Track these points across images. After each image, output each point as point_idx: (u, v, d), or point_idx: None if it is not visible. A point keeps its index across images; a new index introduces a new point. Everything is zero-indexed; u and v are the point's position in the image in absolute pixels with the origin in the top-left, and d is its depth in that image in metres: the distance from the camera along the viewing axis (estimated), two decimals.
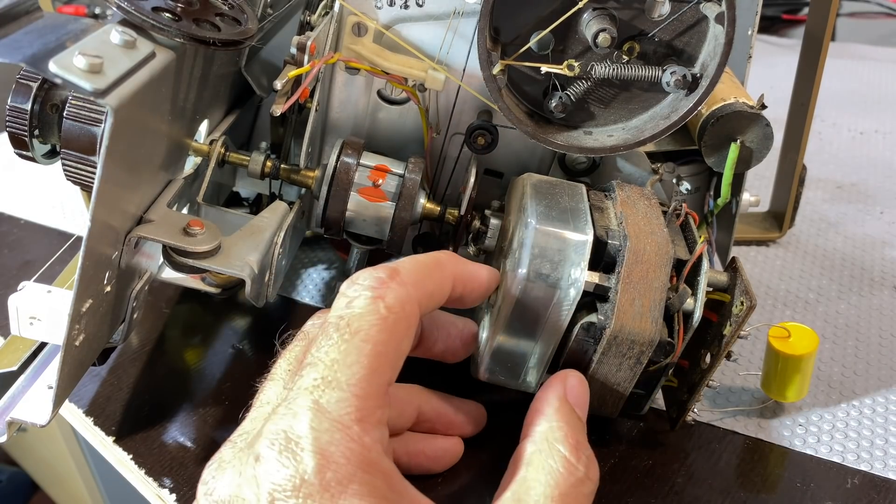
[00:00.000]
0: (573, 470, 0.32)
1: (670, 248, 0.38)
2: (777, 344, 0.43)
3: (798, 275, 0.58)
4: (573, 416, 0.35)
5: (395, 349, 0.31)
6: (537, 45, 0.40)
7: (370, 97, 0.45)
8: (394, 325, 0.31)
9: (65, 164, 0.36)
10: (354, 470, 0.28)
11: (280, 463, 0.27)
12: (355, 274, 0.33)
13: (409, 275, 0.33)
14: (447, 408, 0.41)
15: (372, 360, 0.30)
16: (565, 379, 0.37)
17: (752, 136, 0.44)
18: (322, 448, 0.27)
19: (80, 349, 0.35)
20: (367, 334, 0.30)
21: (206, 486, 0.30)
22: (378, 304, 0.31)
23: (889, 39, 1.10)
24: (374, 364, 0.30)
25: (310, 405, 0.28)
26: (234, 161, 0.43)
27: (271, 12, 0.46)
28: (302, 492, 0.27)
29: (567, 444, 0.33)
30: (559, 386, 0.37)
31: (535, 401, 0.36)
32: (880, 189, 0.70)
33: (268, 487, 0.27)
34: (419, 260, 0.35)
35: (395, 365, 0.31)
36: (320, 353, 0.30)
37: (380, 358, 0.30)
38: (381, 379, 0.30)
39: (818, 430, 0.44)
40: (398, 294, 0.32)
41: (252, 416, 0.33)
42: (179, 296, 0.54)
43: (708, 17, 0.39)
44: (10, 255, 0.59)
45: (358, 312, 0.31)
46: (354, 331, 0.30)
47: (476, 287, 0.37)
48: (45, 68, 0.29)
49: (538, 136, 0.41)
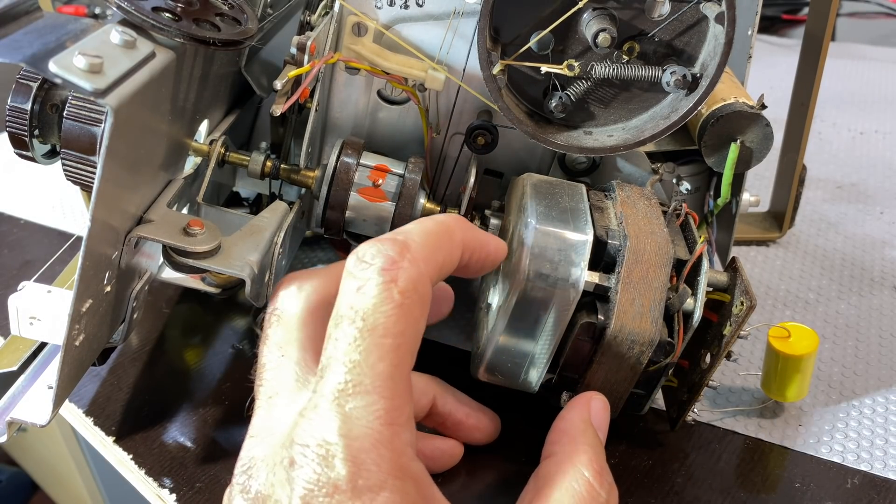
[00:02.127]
0: (595, 495, 0.33)
1: (670, 248, 0.38)
2: (777, 344, 0.43)
3: (798, 275, 0.58)
4: (597, 441, 0.35)
5: (414, 336, 0.30)
6: (537, 45, 0.40)
7: (370, 97, 0.45)
8: (409, 311, 0.29)
9: (65, 164, 0.36)
10: (386, 477, 0.27)
11: (313, 470, 0.27)
12: (361, 248, 0.31)
13: (420, 250, 0.31)
14: (461, 409, 0.41)
15: (393, 355, 0.29)
16: (590, 401, 0.37)
17: (752, 136, 0.44)
18: (353, 455, 0.27)
19: (80, 349, 0.35)
20: (385, 328, 0.29)
21: (240, 485, 0.30)
22: (392, 290, 0.29)
23: (889, 39, 1.10)
24: (396, 359, 0.29)
25: (336, 412, 0.28)
26: (234, 161, 0.43)
27: (271, 12, 0.46)
28: (335, 498, 0.27)
29: (591, 469, 0.33)
30: (584, 408, 0.37)
31: (561, 420, 0.36)
32: (880, 189, 0.70)
33: (300, 492, 0.27)
34: (429, 229, 0.32)
35: (414, 350, 0.30)
36: (338, 352, 0.29)
37: (400, 350, 0.29)
38: (404, 372, 0.29)
39: (818, 430, 0.44)
40: (410, 275, 0.30)
41: (265, 413, 0.32)
42: (179, 296, 0.54)
43: (708, 17, 0.39)
44: (10, 255, 0.59)
45: (372, 303, 0.29)
46: (371, 326, 0.29)
47: (483, 256, 0.35)
48: (45, 68, 0.29)
49: (538, 136, 0.41)
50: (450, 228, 0.33)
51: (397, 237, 0.31)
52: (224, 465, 0.41)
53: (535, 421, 0.44)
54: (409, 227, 0.32)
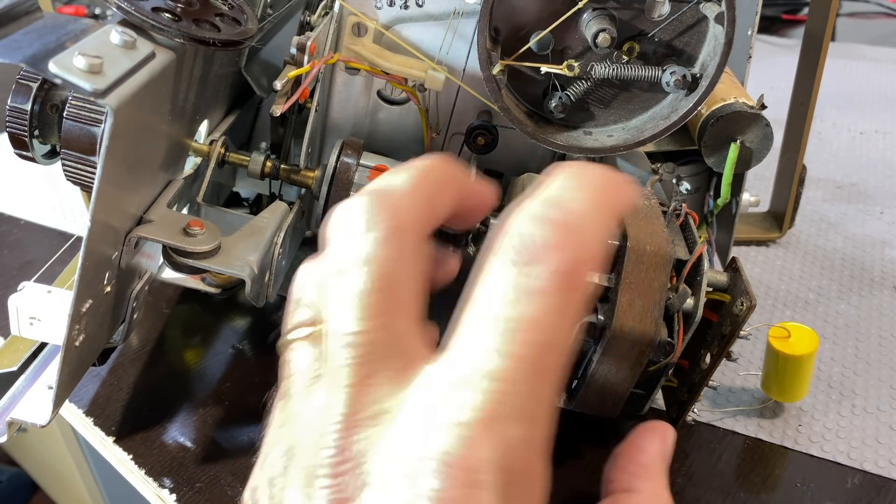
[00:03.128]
0: None
1: (670, 248, 0.38)
2: (777, 344, 0.43)
3: (798, 275, 0.58)
4: (667, 479, 0.36)
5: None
6: (537, 45, 0.40)
7: (370, 97, 0.45)
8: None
9: (65, 164, 0.36)
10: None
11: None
12: (341, 214, 0.26)
13: (410, 212, 0.26)
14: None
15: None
16: (665, 436, 0.37)
17: (752, 136, 0.44)
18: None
19: (80, 349, 0.35)
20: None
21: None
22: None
23: (889, 39, 1.10)
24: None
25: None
26: (234, 161, 0.43)
27: (271, 12, 0.46)
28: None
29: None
30: (663, 443, 0.36)
31: (641, 453, 0.36)
32: (880, 189, 0.70)
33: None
34: (416, 182, 0.27)
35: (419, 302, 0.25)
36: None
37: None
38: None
39: (818, 430, 0.44)
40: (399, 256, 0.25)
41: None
42: (179, 296, 0.54)
43: (708, 17, 0.39)
44: (10, 255, 0.59)
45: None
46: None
47: (477, 202, 0.30)
48: (45, 68, 0.29)
49: (538, 136, 0.41)
50: (441, 177, 0.28)
51: (385, 191, 0.26)
52: (224, 465, 0.41)
53: None
54: (397, 174, 0.27)
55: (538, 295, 0.22)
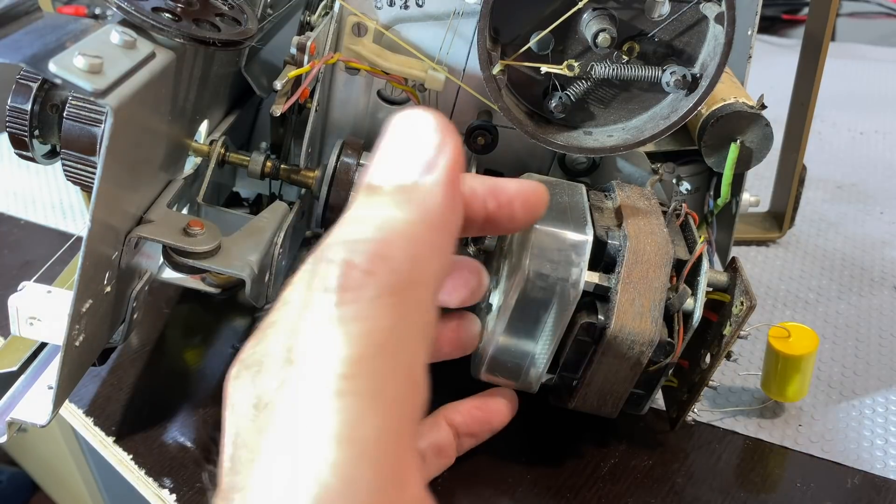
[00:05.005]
0: None
1: (670, 248, 0.38)
2: (777, 344, 0.43)
3: (798, 275, 0.58)
4: None
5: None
6: (537, 45, 0.40)
7: (370, 97, 0.45)
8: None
9: (65, 164, 0.36)
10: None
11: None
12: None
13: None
14: (475, 405, 0.41)
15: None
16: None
17: (752, 136, 0.44)
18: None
19: (80, 349, 0.35)
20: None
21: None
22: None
23: (889, 39, 1.10)
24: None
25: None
26: (234, 161, 0.43)
27: (271, 12, 0.46)
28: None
29: None
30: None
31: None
32: (880, 189, 0.70)
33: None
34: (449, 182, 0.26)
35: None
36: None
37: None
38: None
39: (818, 430, 0.44)
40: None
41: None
42: (179, 296, 0.53)
43: (708, 17, 0.39)
44: (10, 255, 0.59)
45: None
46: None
47: (505, 202, 0.30)
48: (45, 68, 0.29)
49: (538, 136, 0.41)
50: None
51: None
52: None
53: (535, 421, 0.44)
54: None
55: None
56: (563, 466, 0.42)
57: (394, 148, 0.26)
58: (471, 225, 0.30)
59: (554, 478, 0.41)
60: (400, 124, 0.27)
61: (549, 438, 0.43)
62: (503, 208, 0.31)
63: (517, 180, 0.32)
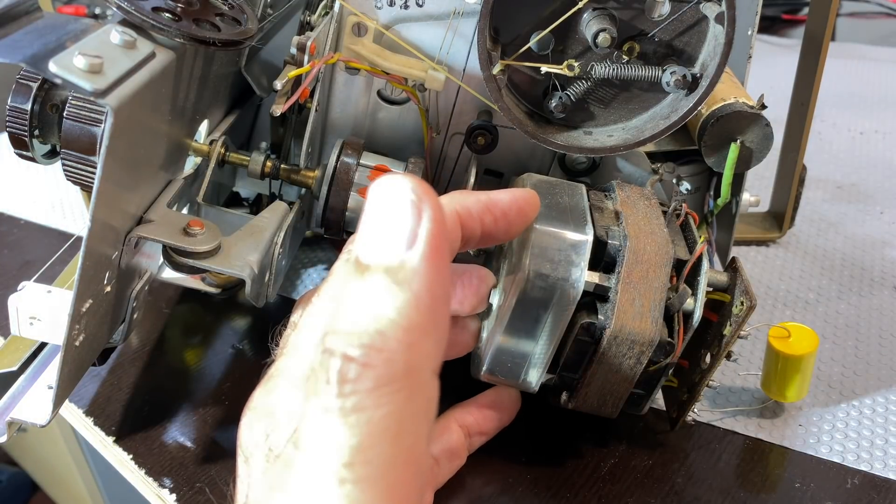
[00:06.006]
0: None
1: (670, 248, 0.38)
2: (777, 344, 0.43)
3: (798, 275, 0.58)
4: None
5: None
6: (537, 45, 0.40)
7: (370, 97, 0.45)
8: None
9: (65, 164, 0.36)
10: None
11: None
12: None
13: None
14: (483, 403, 0.42)
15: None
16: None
17: (752, 136, 0.44)
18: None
19: (80, 349, 0.35)
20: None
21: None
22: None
23: (889, 39, 1.10)
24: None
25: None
26: (234, 161, 0.43)
27: (271, 12, 0.46)
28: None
29: None
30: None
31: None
32: (880, 189, 0.70)
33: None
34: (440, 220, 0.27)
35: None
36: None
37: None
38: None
39: (818, 430, 0.44)
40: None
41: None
42: (179, 296, 0.54)
43: (708, 17, 0.39)
44: (10, 255, 0.59)
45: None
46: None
47: (501, 215, 0.32)
48: (45, 68, 0.29)
49: (538, 136, 0.41)
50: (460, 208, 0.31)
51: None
52: (224, 465, 0.41)
53: (535, 421, 0.44)
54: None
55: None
56: (563, 466, 0.42)
57: (375, 220, 0.27)
58: (469, 242, 0.32)
59: (554, 478, 0.41)
60: (378, 193, 0.27)
61: (549, 438, 0.43)
62: (499, 222, 0.32)
63: (508, 191, 0.33)
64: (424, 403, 0.26)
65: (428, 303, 0.26)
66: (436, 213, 0.27)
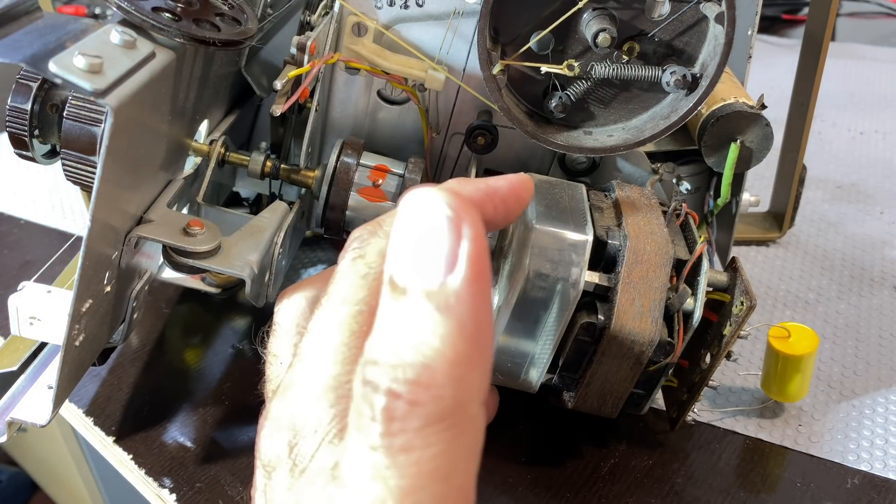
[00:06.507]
0: None
1: (670, 248, 0.38)
2: (777, 344, 0.43)
3: (798, 275, 0.58)
4: None
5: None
6: (537, 45, 0.40)
7: (370, 97, 0.45)
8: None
9: (65, 164, 0.36)
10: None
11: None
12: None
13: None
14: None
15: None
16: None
17: (752, 136, 0.44)
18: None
19: (80, 349, 0.35)
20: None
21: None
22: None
23: (889, 39, 1.10)
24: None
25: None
26: (234, 161, 0.43)
27: (271, 12, 0.46)
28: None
29: None
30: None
31: None
32: (880, 189, 0.70)
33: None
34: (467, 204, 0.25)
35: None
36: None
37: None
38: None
39: (818, 430, 0.44)
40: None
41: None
42: (179, 296, 0.54)
43: (708, 17, 0.39)
44: (10, 255, 0.59)
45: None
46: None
47: (500, 203, 0.31)
48: (45, 68, 0.29)
49: (538, 136, 0.41)
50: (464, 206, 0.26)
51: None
52: (224, 465, 0.41)
53: (535, 421, 0.44)
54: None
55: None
56: (563, 466, 0.42)
57: (409, 237, 0.25)
58: None
59: (554, 478, 0.41)
60: (410, 207, 0.25)
61: (549, 438, 0.43)
62: (498, 209, 0.31)
63: (505, 177, 0.31)
64: (473, 439, 0.25)
65: (473, 331, 0.24)
66: (476, 231, 0.25)
